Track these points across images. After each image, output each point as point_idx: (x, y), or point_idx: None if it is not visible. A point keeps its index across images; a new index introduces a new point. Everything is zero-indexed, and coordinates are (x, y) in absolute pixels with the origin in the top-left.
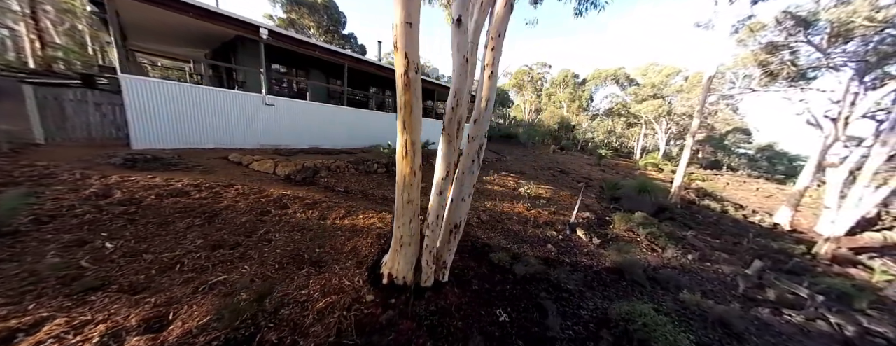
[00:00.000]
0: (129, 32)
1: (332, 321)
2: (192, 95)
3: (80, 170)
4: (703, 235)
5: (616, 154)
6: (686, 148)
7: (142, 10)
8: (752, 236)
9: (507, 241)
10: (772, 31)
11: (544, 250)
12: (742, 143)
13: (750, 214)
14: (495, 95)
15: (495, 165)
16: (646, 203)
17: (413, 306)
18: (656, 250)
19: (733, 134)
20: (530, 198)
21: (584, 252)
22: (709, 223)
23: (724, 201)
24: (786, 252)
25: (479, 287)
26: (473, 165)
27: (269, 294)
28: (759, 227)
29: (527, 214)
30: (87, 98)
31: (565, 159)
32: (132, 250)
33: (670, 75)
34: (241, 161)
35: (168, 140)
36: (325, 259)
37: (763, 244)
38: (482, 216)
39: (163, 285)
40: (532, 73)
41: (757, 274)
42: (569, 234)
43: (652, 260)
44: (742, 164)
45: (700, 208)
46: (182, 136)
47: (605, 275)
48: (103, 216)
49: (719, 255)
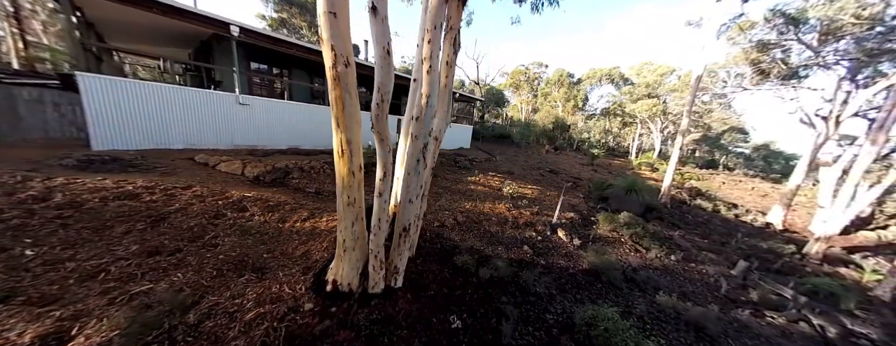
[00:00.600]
0: (105, 32)
1: (259, 333)
2: (158, 94)
3: (24, 172)
4: (690, 235)
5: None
6: (675, 147)
7: (105, 8)
8: (741, 236)
9: (481, 243)
10: (762, 30)
11: (519, 252)
12: (739, 142)
13: (742, 213)
14: (441, 91)
15: (483, 166)
16: (634, 203)
17: (355, 314)
18: (640, 250)
19: (730, 133)
20: (513, 198)
21: (563, 254)
22: (698, 223)
23: (717, 200)
24: (775, 252)
25: (436, 292)
26: (419, 166)
27: (196, 305)
28: (750, 226)
29: (507, 215)
30: (43, 98)
31: (558, 159)
32: (55, 258)
33: (664, 74)
34: (208, 162)
35: (132, 141)
36: (271, 265)
37: (752, 244)
38: (459, 218)
39: (77, 297)
40: (528, 72)
41: (741, 275)
42: (549, 235)
43: (633, 261)
44: (738, 163)
45: (691, 207)
46: (148, 136)
47: (580, 277)
48: (33, 222)
49: (705, 255)
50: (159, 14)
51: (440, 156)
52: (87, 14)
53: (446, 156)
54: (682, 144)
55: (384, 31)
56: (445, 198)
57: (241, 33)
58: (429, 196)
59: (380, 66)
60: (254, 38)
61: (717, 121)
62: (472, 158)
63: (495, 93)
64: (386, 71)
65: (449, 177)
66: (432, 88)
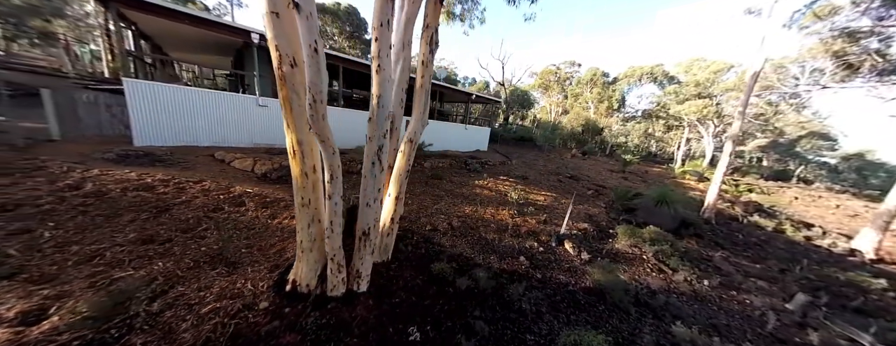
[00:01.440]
0: (162, 43)
1: (208, 328)
2: (189, 97)
3: (70, 164)
4: (737, 257)
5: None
6: (724, 154)
7: (150, 22)
8: (810, 264)
9: (473, 250)
10: (848, 15)
11: (513, 263)
12: (822, 150)
13: (817, 236)
14: (417, 91)
15: (495, 169)
16: (665, 217)
17: (307, 317)
18: (664, 271)
19: (808, 140)
20: (519, 204)
21: (565, 268)
22: (751, 245)
23: (783, 218)
24: (857, 286)
25: (402, 300)
26: (374, 168)
27: (164, 294)
28: (826, 253)
29: (510, 222)
30: (98, 100)
31: (584, 165)
32: (66, 241)
33: (719, 72)
34: (225, 159)
35: (167, 138)
36: (245, 260)
37: (824, 274)
38: (454, 222)
39: (68, 278)
40: (559, 72)
41: (800, 310)
42: (554, 246)
43: (653, 283)
44: (820, 175)
45: (744, 225)
46: (180, 134)
47: (580, 296)
48: (60, 207)
49: (753, 283)
50: (190, 25)
51: (449, 158)
52: (142, 27)
53: (457, 158)
54: (731, 151)
55: (310, 28)
56: (446, 201)
57: (261, 39)
58: (428, 199)
59: (309, 64)
60: None
61: (792, 125)
62: (485, 160)
63: (520, 94)
64: (315, 70)
65: (455, 180)
66: (383, 87)
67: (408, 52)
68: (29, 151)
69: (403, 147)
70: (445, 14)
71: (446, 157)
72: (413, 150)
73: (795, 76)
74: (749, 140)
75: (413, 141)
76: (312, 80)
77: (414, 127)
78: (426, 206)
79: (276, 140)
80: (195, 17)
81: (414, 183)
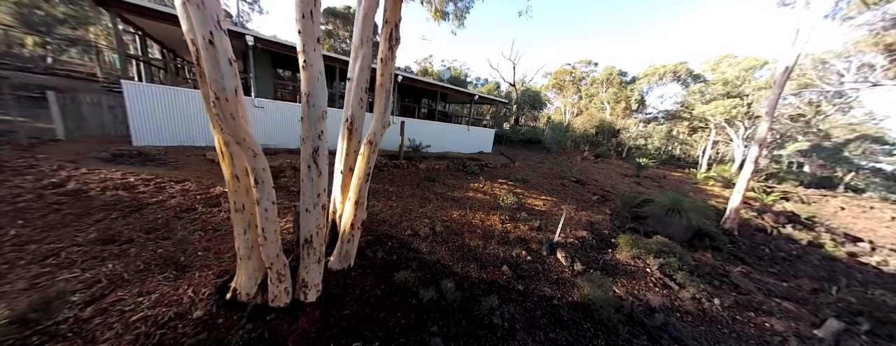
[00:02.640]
0: (176, 48)
1: (130, 338)
2: (187, 98)
3: (62, 162)
4: (761, 274)
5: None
6: (749, 160)
7: (151, 26)
8: (848, 284)
9: (452, 258)
10: None
11: (493, 273)
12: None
13: (865, 252)
14: (377, 90)
15: (495, 172)
16: (678, 226)
17: (238, 330)
18: (669, 287)
19: (859, 144)
20: (512, 210)
21: (552, 280)
22: (778, 260)
23: (823, 230)
24: None
25: (354, 312)
26: (311, 172)
27: (102, 298)
28: (875, 272)
29: (499, 227)
30: (101, 101)
31: (595, 168)
32: (29, 239)
33: (751, 69)
34: (215, 159)
35: (164, 138)
36: (196, 264)
37: (868, 297)
38: (437, 227)
39: (14, 278)
40: (575, 72)
41: (832, 338)
42: (545, 255)
43: (654, 300)
44: (873, 183)
45: (774, 237)
46: (176, 134)
47: (564, 312)
48: (35, 205)
49: (776, 304)
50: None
51: (447, 160)
52: (151, 32)
53: (456, 160)
54: (757, 155)
55: (204, 17)
56: (434, 204)
57: (257, 42)
58: (416, 201)
59: (205, 58)
60: (266, 45)
61: (840, 127)
62: (486, 163)
63: (532, 94)
64: (213, 64)
65: (449, 183)
66: (311, 84)
67: (367, 49)
68: (30, 150)
69: (363, 149)
70: (434, 13)
71: (445, 159)
72: (373, 152)
73: (840, 72)
74: (789, 143)
75: (373, 143)
76: (211, 75)
77: (373, 128)
78: (412, 209)
79: (270, 141)
80: None
81: (404, 185)
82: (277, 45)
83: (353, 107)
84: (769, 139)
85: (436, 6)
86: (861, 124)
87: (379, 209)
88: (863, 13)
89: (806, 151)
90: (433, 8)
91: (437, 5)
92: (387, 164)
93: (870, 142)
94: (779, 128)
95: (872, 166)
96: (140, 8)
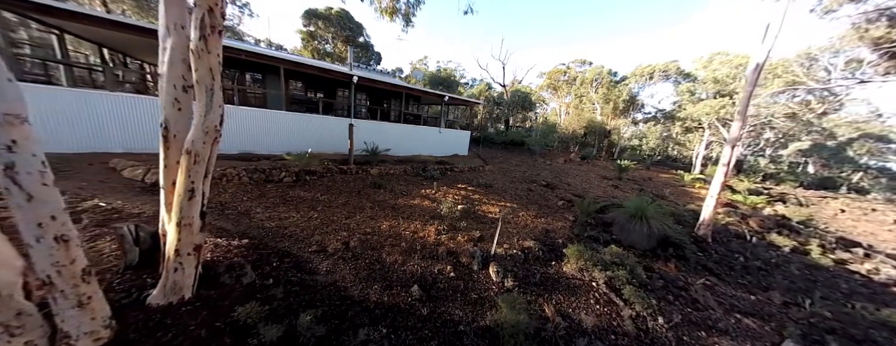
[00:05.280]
0: (122, 50)
1: None
2: (94, 101)
3: None
4: (728, 286)
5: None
6: (721, 163)
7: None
8: (824, 296)
9: (354, 278)
10: None
11: (398, 296)
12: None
13: (856, 258)
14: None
15: (459, 176)
16: (640, 233)
17: None
18: (614, 303)
19: (862, 143)
20: (454, 218)
21: (470, 300)
22: (752, 269)
23: (813, 235)
24: (893, 328)
25: None
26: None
27: None
28: (864, 280)
29: (432, 239)
30: None
31: (576, 171)
32: None
33: (742, 66)
34: (118, 167)
35: (68, 145)
36: None
37: (844, 312)
38: (353, 241)
39: None
40: (569, 72)
41: None
42: (476, 270)
43: (588, 320)
44: (878, 184)
45: (753, 245)
46: (87, 140)
47: (468, 340)
48: None
49: (736, 321)
50: (110, 29)
51: (408, 164)
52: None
53: (419, 164)
54: (729, 158)
55: None
56: (364, 214)
57: None
58: (344, 211)
59: None
60: None
61: (845, 125)
62: (453, 166)
63: (521, 96)
64: None
65: (398, 189)
66: None
67: (177, 38)
68: None
69: (183, 161)
70: (382, 10)
71: (408, 162)
72: (198, 163)
73: (826, 68)
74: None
75: (193, 152)
76: None
77: (193, 135)
78: (335, 220)
79: None
80: (107, 21)
81: (341, 193)
82: None
83: (167, 109)
84: (736, 139)
85: (384, 4)
86: (867, 122)
87: (293, 221)
88: (843, 6)
89: (807, 150)
90: (380, 6)
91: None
92: (331, 169)
93: (874, 141)
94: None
95: (880, 166)
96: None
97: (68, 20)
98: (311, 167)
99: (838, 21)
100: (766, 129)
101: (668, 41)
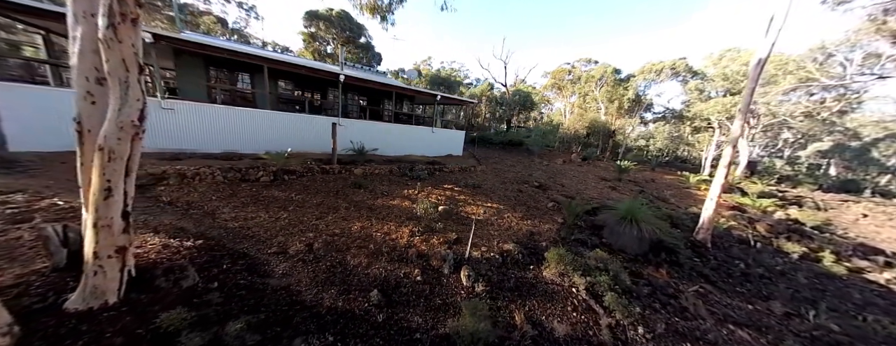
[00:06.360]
0: None
1: None
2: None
3: None
4: (724, 294)
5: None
6: (721, 162)
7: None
8: (831, 307)
9: (311, 282)
10: None
11: (355, 301)
12: None
13: (877, 267)
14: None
15: (447, 176)
16: (631, 237)
17: None
18: (594, 311)
19: (889, 143)
20: (431, 220)
21: (434, 306)
22: (753, 277)
23: (827, 241)
24: None
25: None
26: None
27: None
28: (882, 291)
29: (404, 241)
30: None
31: (574, 172)
32: None
33: None
34: None
35: (48, 143)
36: None
37: (854, 325)
38: (317, 243)
39: None
40: (574, 71)
41: None
42: (446, 274)
43: (562, 329)
44: None
45: (758, 250)
46: (62, 139)
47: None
48: None
49: (729, 333)
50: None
51: (395, 164)
52: None
53: (408, 164)
54: (730, 158)
55: None
56: (337, 215)
57: (154, 38)
58: (315, 212)
59: None
60: (171, 42)
61: (871, 125)
62: (443, 166)
63: (523, 95)
64: None
65: (379, 189)
66: None
67: (86, 27)
68: None
69: (96, 159)
70: (362, 8)
71: (396, 162)
72: (114, 161)
73: (842, 63)
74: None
75: (106, 149)
76: None
77: (107, 130)
78: (304, 220)
79: (184, 144)
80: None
81: (318, 193)
82: (177, 41)
83: (79, 103)
84: (736, 139)
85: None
86: (894, 121)
87: (259, 222)
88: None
89: (828, 151)
90: (360, 3)
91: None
92: (312, 169)
93: None
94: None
95: None
96: None
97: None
98: (290, 167)
99: (853, 13)
100: (783, 129)
101: (668, 41)
